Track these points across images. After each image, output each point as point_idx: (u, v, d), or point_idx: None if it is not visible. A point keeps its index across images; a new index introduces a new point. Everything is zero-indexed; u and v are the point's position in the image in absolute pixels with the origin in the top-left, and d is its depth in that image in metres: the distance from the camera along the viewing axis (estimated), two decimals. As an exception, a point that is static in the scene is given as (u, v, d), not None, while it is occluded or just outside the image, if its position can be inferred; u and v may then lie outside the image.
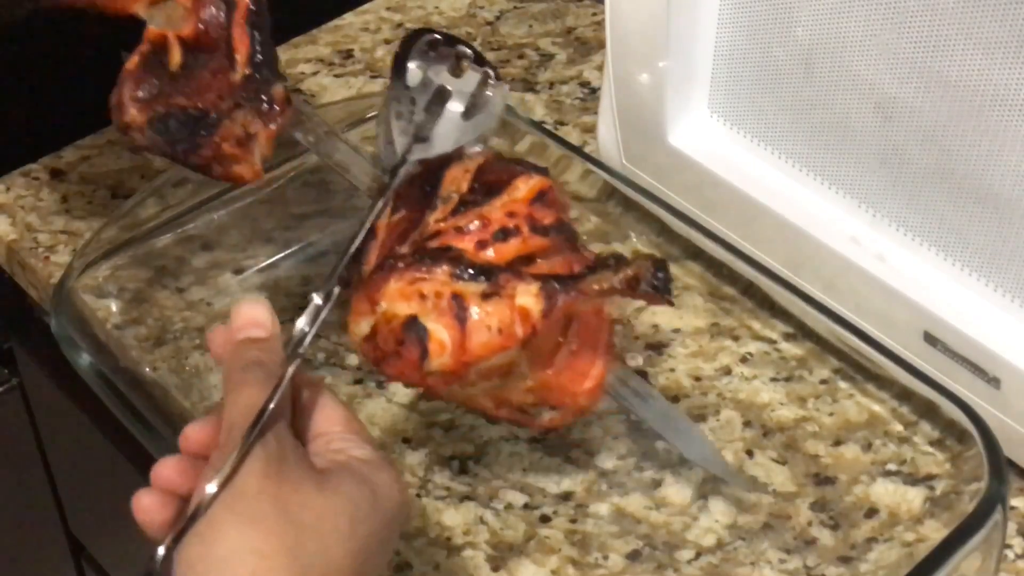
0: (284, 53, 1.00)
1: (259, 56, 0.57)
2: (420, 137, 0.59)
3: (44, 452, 1.04)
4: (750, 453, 0.71)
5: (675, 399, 0.73)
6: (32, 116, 0.92)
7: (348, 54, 1.00)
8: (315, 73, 0.98)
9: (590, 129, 0.91)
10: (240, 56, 0.57)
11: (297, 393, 0.53)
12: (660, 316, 0.78)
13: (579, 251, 0.59)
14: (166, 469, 0.51)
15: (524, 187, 0.59)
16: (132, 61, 0.56)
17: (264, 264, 0.80)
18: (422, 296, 0.54)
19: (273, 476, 0.48)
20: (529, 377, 0.58)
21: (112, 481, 0.91)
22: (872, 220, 0.71)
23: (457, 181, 0.59)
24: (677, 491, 0.69)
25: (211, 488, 0.48)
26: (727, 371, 0.75)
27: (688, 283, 0.80)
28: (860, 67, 0.67)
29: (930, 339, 0.69)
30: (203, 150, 0.56)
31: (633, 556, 0.66)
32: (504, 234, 0.56)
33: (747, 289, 0.77)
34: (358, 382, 0.75)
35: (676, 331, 0.77)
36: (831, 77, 0.68)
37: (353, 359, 0.76)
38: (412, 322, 0.53)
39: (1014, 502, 0.69)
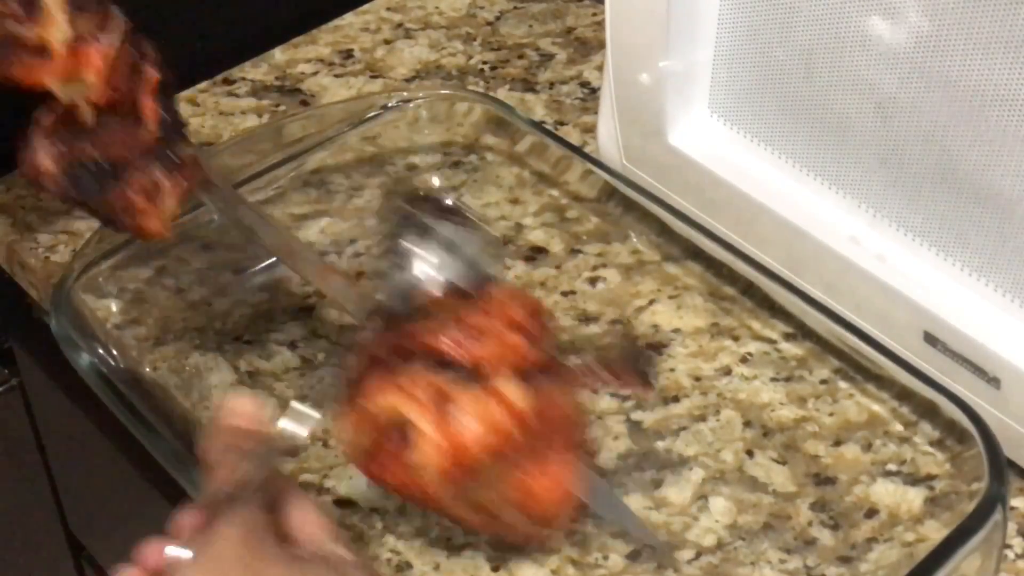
0: (284, 53, 1.00)
1: (168, 120, 0.60)
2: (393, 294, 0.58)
3: (44, 452, 1.04)
4: (750, 453, 0.71)
5: (675, 399, 0.73)
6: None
7: (348, 54, 1.00)
8: (315, 73, 0.98)
9: (590, 129, 0.91)
10: (151, 123, 0.59)
11: (278, 493, 0.54)
12: (660, 316, 0.78)
13: (553, 351, 0.58)
14: (152, 551, 0.53)
15: (498, 291, 0.58)
16: (47, 117, 0.58)
17: (264, 264, 0.80)
18: (401, 389, 0.53)
19: (250, 546, 0.49)
20: (499, 480, 0.55)
21: (112, 481, 0.91)
22: (872, 220, 0.71)
23: (431, 296, 0.58)
24: (677, 491, 0.69)
25: (186, 554, 0.49)
26: (727, 371, 0.75)
27: (688, 283, 0.80)
28: (860, 67, 0.67)
29: (930, 339, 0.69)
30: (112, 200, 0.58)
31: (633, 556, 0.66)
32: (480, 332, 0.55)
33: (747, 289, 0.77)
34: (358, 382, 0.75)
35: (676, 331, 0.77)
36: (831, 77, 0.68)
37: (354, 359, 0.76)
38: (393, 416, 0.53)
39: (1014, 502, 0.69)
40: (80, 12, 0.57)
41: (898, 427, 0.71)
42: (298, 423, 0.54)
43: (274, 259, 0.81)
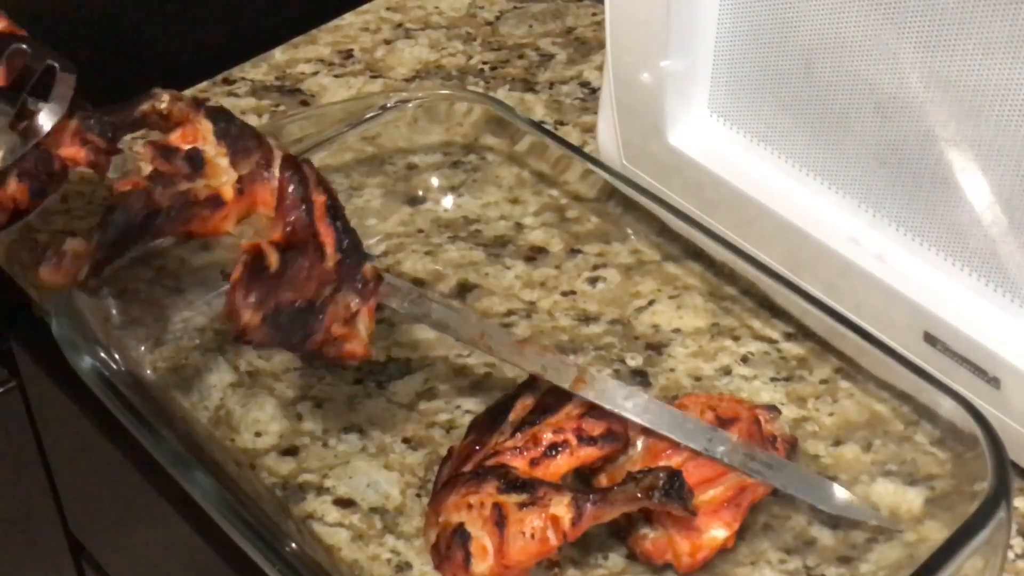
0: (284, 53, 1.00)
1: (345, 242, 0.61)
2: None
3: (44, 452, 1.04)
4: (750, 453, 0.70)
5: (675, 399, 0.73)
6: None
7: (348, 54, 1.00)
8: (315, 73, 0.98)
9: (590, 129, 0.91)
10: (328, 247, 0.60)
11: None
12: (660, 316, 0.78)
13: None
14: None
15: (579, 404, 0.65)
16: (236, 272, 0.60)
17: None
18: (470, 507, 0.62)
19: None
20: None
21: (112, 481, 0.91)
22: (872, 220, 0.71)
23: (526, 407, 0.66)
24: (677, 491, 0.69)
25: None
26: (727, 371, 0.75)
27: (688, 283, 0.80)
28: (860, 67, 0.67)
29: (930, 339, 0.69)
30: (316, 335, 0.59)
31: (632, 556, 0.66)
32: (553, 450, 0.64)
33: (747, 289, 0.77)
34: (358, 382, 0.75)
35: (676, 331, 0.77)
36: (831, 77, 0.68)
37: (353, 359, 0.76)
38: (459, 529, 0.61)
39: (1015, 502, 0.69)
40: (239, 154, 0.59)
41: (899, 427, 0.71)
42: None
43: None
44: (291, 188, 0.61)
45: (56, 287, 0.56)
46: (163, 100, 0.61)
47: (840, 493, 0.67)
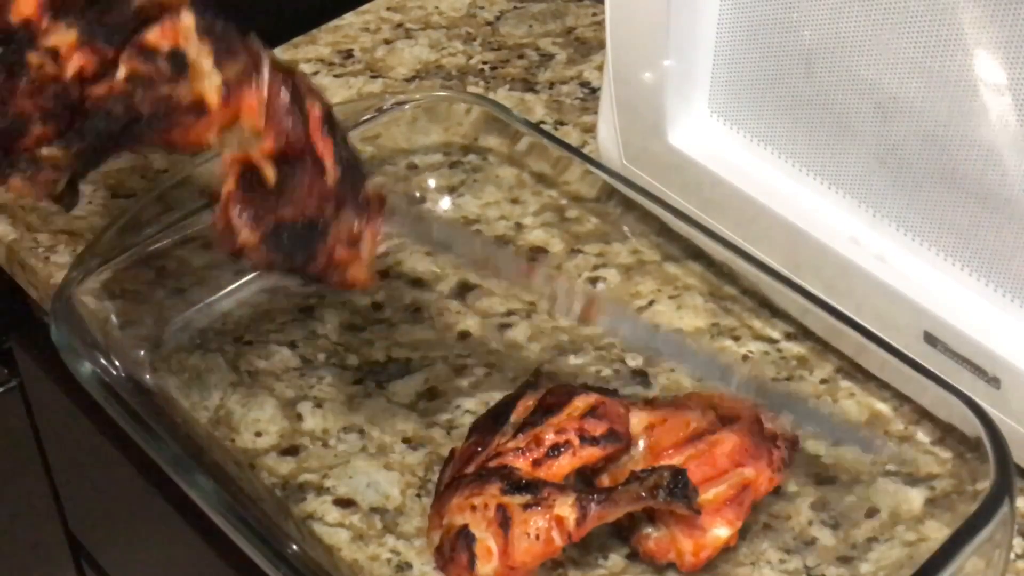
0: (284, 53, 1.00)
1: (344, 157, 0.56)
2: None
3: (44, 452, 1.04)
4: (750, 453, 0.70)
5: (676, 398, 0.73)
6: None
7: (348, 54, 1.00)
8: (315, 73, 0.98)
9: (590, 129, 0.91)
10: (328, 162, 0.56)
11: None
12: (660, 316, 0.78)
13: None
14: None
15: (581, 404, 0.66)
16: (228, 185, 0.55)
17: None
18: (473, 508, 0.62)
19: None
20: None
21: (112, 481, 0.91)
22: (872, 220, 0.71)
23: (527, 408, 0.66)
24: (677, 491, 0.69)
25: None
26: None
27: (688, 283, 0.80)
28: (860, 67, 0.67)
29: (930, 339, 0.69)
30: (320, 257, 0.55)
31: (633, 556, 0.66)
32: (556, 451, 0.64)
33: (747, 289, 0.77)
34: (358, 382, 0.75)
35: (676, 331, 0.77)
36: (831, 77, 0.68)
37: (354, 359, 0.76)
38: (464, 531, 0.62)
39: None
40: (226, 56, 0.54)
41: (899, 426, 0.71)
42: None
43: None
44: (283, 95, 0.55)
45: (30, 198, 0.52)
46: None
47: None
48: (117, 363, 0.70)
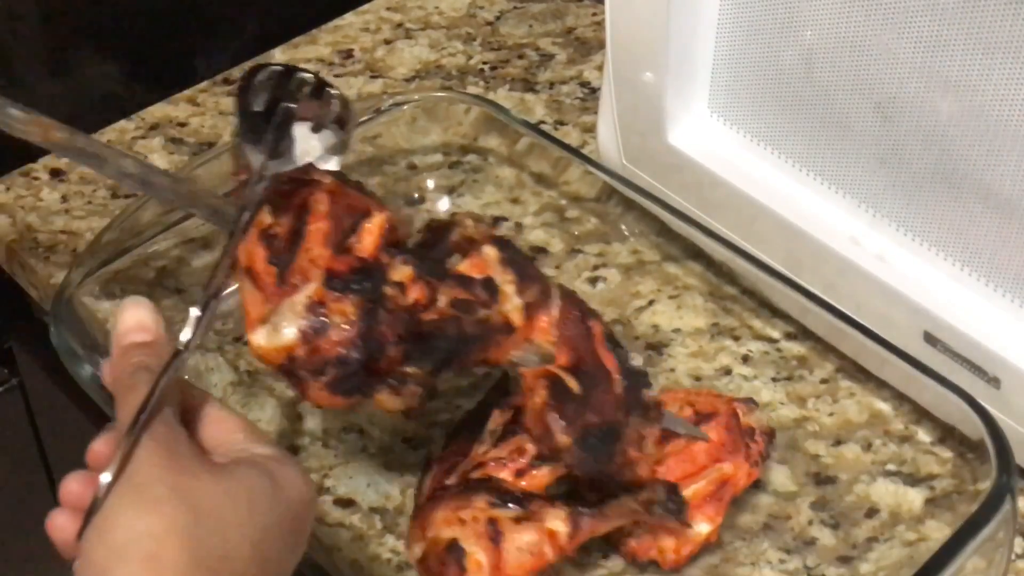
0: (284, 53, 1.00)
1: (627, 368, 0.63)
2: (274, 154, 0.64)
3: (44, 452, 1.04)
4: (750, 453, 0.70)
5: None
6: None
7: (348, 54, 1.00)
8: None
9: (590, 129, 0.91)
10: (614, 373, 0.62)
11: (192, 407, 0.53)
12: (660, 316, 0.78)
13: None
14: (73, 484, 0.52)
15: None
16: (540, 396, 0.61)
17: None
18: (462, 522, 0.61)
19: (165, 463, 0.48)
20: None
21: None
22: (872, 220, 0.71)
23: (504, 415, 0.65)
24: (677, 491, 0.69)
25: (105, 478, 0.48)
26: (727, 371, 0.75)
27: (688, 283, 0.80)
28: (860, 67, 0.67)
29: (930, 339, 0.69)
30: (618, 458, 0.61)
31: (633, 557, 0.66)
32: (540, 460, 0.63)
33: (747, 289, 0.77)
34: (358, 382, 0.75)
35: (676, 331, 0.78)
36: (831, 77, 0.68)
37: (353, 359, 0.76)
38: (453, 545, 0.61)
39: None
40: (525, 281, 0.61)
41: (899, 426, 0.71)
42: (199, 328, 0.55)
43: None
44: (574, 316, 0.63)
45: (393, 412, 0.60)
46: (467, 226, 0.63)
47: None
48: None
